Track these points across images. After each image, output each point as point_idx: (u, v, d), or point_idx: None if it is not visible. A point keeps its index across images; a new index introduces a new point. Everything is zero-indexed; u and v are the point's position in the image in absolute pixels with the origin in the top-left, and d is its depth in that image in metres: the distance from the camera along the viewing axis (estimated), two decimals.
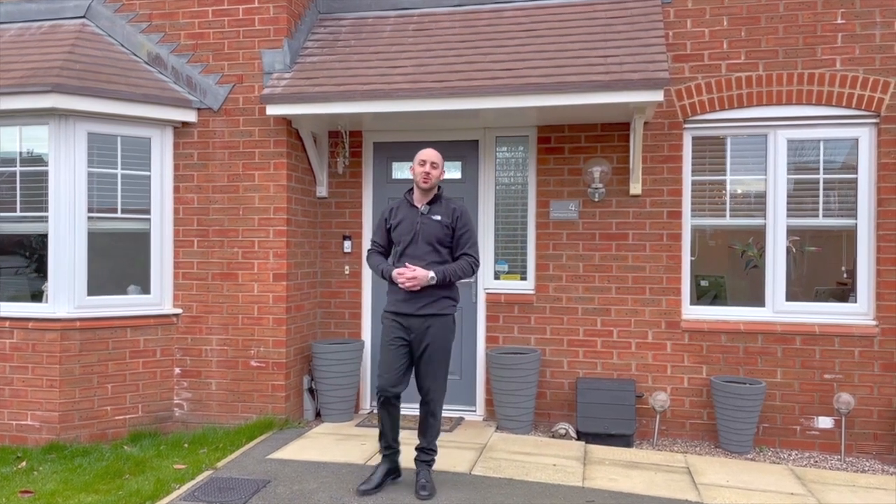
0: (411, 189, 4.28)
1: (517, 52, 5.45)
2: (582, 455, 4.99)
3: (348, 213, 6.23)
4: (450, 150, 6.08)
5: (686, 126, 5.68)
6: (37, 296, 5.62)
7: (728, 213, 5.72)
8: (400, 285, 4.07)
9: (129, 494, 4.24)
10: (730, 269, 5.81)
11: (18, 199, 5.56)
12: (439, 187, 4.25)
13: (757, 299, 5.66)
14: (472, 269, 4.19)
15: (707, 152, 5.77)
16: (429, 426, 4.24)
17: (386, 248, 4.36)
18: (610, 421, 5.44)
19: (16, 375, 5.46)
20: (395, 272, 4.08)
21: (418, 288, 4.03)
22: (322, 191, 6.19)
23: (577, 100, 5.01)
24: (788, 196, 5.57)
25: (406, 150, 6.16)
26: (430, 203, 4.18)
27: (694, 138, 5.75)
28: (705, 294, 5.83)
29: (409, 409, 6.07)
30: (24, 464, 4.93)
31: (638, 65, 5.05)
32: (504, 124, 5.89)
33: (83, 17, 5.98)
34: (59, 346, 5.40)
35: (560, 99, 5.04)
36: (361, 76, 5.44)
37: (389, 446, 4.29)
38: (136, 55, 5.90)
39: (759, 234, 5.66)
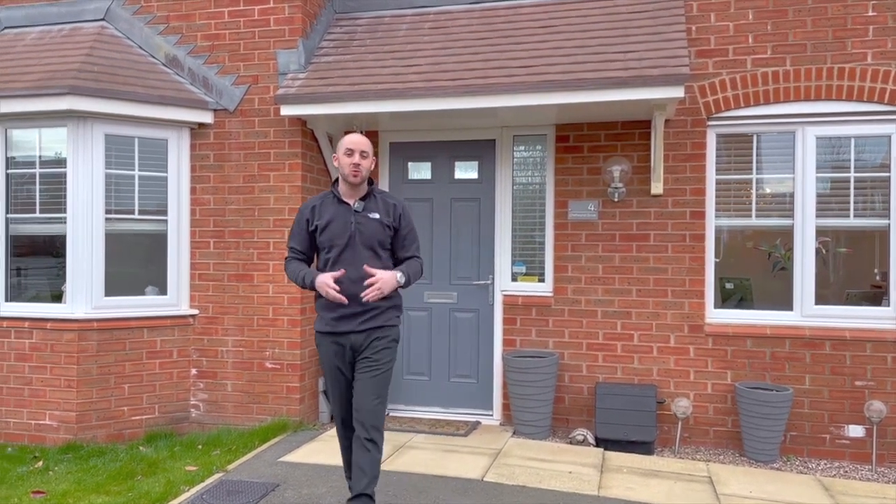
0: (336, 181, 3.63)
1: (535, 49, 5.34)
2: (599, 462, 4.86)
3: None
4: (467, 149, 6.00)
5: (710, 123, 5.51)
6: (57, 296, 5.67)
7: (754, 213, 5.53)
8: (323, 293, 3.38)
9: (139, 496, 4.22)
10: (756, 271, 5.61)
11: (38, 200, 5.61)
12: (370, 180, 3.64)
13: (784, 302, 5.45)
14: (422, 271, 3.68)
15: (732, 150, 5.58)
16: (370, 463, 3.37)
17: (307, 254, 3.64)
18: (630, 427, 5.29)
19: (35, 375, 5.51)
20: (321, 278, 3.38)
21: (380, 297, 3.40)
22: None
23: (594, 97, 4.88)
24: (817, 195, 5.36)
25: (422, 151, 6.09)
26: (363, 199, 3.56)
27: (718, 136, 5.57)
28: (730, 297, 5.64)
29: (424, 411, 6.02)
30: (40, 463, 4.97)
31: (658, 60, 4.91)
32: (521, 123, 5.78)
33: (102, 19, 6.03)
34: (76, 346, 5.43)
35: (577, 96, 4.91)
36: (376, 76, 5.38)
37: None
38: (153, 57, 5.92)
39: (786, 234, 5.46)
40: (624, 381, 5.58)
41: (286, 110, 5.41)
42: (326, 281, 3.37)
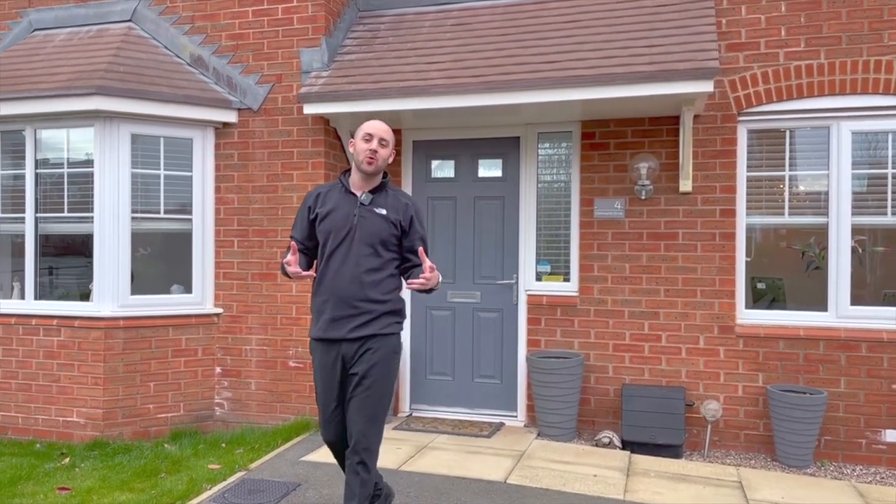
0: (348, 171, 3.33)
1: (560, 43, 5.25)
2: (626, 466, 4.75)
3: None
4: (490, 147, 5.93)
5: (740, 119, 5.36)
6: (84, 295, 5.73)
7: (787, 210, 5.37)
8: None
9: (161, 494, 4.24)
10: (789, 271, 5.44)
11: (66, 200, 5.68)
12: (385, 173, 3.31)
13: (818, 303, 5.28)
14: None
15: (763, 146, 5.43)
16: (360, 484, 3.11)
17: (308, 245, 3.31)
18: (657, 430, 5.17)
19: (63, 373, 5.58)
20: (290, 269, 3.13)
21: (423, 288, 3.09)
22: None
23: (620, 92, 4.77)
24: (853, 192, 5.19)
25: (446, 149, 6.04)
26: (372, 192, 3.24)
27: (749, 131, 5.42)
28: (762, 297, 5.48)
29: (447, 411, 5.96)
30: (67, 460, 5.02)
31: (686, 54, 4.78)
32: (546, 120, 5.69)
33: (129, 20, 6.08)
34: (103, 344, 5.48)
35: (602, 91, 4.81)
36: (398, 73, 5.34)
37: None
38: (179, 57, 5.96)
39: (820, 233, 5.29)
40: (651, 383, 5.46)
41: (309, 109, 5.40)
42: (286, 259, 3.11)
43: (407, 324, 6.09)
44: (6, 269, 5.98)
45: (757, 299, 5.47)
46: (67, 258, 5.85)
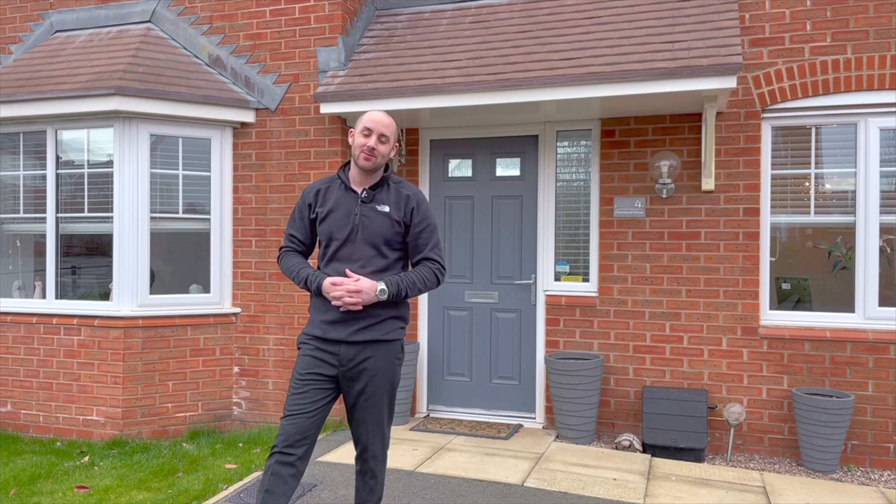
0: (346, 164, 3.13)
1: (579, 40, 5.18)
2: (646, 469, 4.66)
3: None
4: (508, 145, 5.87)
5: (765, 115, 5.24)
6: (104, 294, 5.77)
7: (813, 209, 5.24)
8: (335, 301, 2.90)
9: (178, 493, 4.24)
10: (815, 271, 5.32)
11: (86, 200, 5.72)
12: (387, 167, 3.12)
13: (846, 304, 5.15)
14: (438, 279, 3.08)
15: (789, 144, 5.31)
16: (369, 491, 3.09)
17: (308, 245, 3.19)
18: (679, 433, 5.07)
19: (83, 371, 5.62)
20: (327, 282, 2.93)
21: (361, 307, 2.91)
22: None
23: (640, 89, 4.69)
24: (881, 191, 5.05)
25: (463, 147, 5.99)
26: (373, 188, 3.05)
27: (774, 128, 5.30)
28: (787, 298, 5.36)
29: (465, 412, 5.91)
30: (86, 458, 5.05)
31: (708, 49, 4.69)
32: (565, 118, 5.62)
33: (148, 21, 6.11)
34: (122, 343, 5.51)
35: (621, 88, 4.73)
36: (415, 72, 5.30)
37: None
38: (197, 57, 5.98)
39: (847, 232, 5.15)
40: (673, 385, 5.36)
41: (325, 108, 5.38)
42: (337, 281, 2.90)
43: (424, 324, 6.06)
44: (29, 268, 6.05)
45: (782, 300, 5.35)
46: (88, 258, 5.90)
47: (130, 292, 5.58)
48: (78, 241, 5.89)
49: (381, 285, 2.90)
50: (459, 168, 6.03)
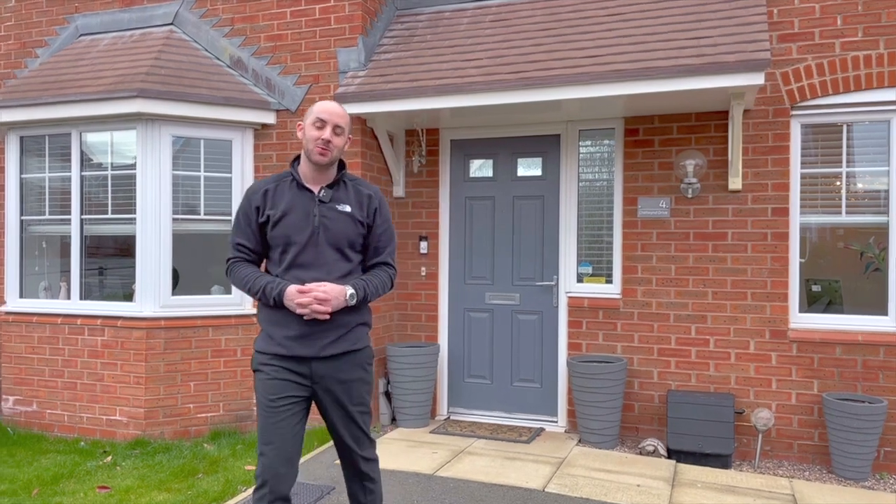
0: (297, 159, 2.86)
1: (601, 37, 5.09)
2: (671, 475, 4.56)
3: (425, 213, 6.06)
4: (530, 145, 5.80)
5: (794, 113, 5.11)
6: (128, 295, 5.81)
7: (844, 209, 5.09)
8: (300, 310, 2.65)
9: (198, 495, 4.24)
10: (846, 273, 5.16)
11: (110, 201, 5.77)
12: (342, 163, 2.86)
13: (879, 306, 4.99)
14: (393, 284, 2.94)
15: (819, 142, 5.16)
16: (372, 499, 2.94)
17: (258, 253, 2.85)
18: (705, 439, 4.96)
19: (106, 371, 5.66)
20: (292, 289, 2.65)
21: (329, 315, 2.68)
22: (399, 191, 6.05)
23: (663, 86, 4.59)
24: None
25: (484, 147, 5.93)
26: (330, 186, 2.80)
27: (803, 126, 5.16)
28: (817, 300, 5.21)
29: (485, 415, 5.85)
30: (109, 458, 5.08)
31: (735, 45, 4.57)
32: (588, 116, 5.53)
33: (171, 23, 6.15)
34: (145, 344, 5.54)
35: (646, 86, 4.63)
36: (435, 71, 5.25)
37: None
38: (218, 59, 6.00)
39: (881, 232, 4.99)
40: (699, 390, 5.24)
41: (345, 108, 5.34)
42: (304, 289, 2.65)
43: (444, 325, 6.01)
44: (55, 269, 6.12)
45: (812, 302, 5.20)
46: (112, 259, 5.95)
47: (153, 293, 5.61)
48: (102, 243, 5.94)
49: (350, 289, 2.71)
50: (480, 168, 5.97)
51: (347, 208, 2.79)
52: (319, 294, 2.63)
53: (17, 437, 5.66)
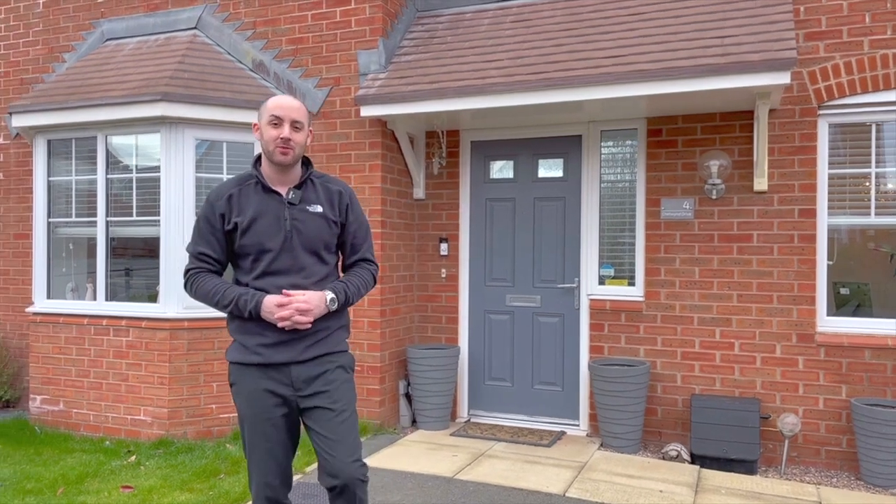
0: (258, 160, 2.70)
1: (623, 37, 5.03)
2: (694, 481, 4.49)
3: (445, 214, 6.04)
4: (551, 146, 5.76)
5: (821, 112, 5.01)
6: (153, 297, 5.88)
7: (873, 210, 4.98)
8: (281, 323, 2.52)
9: (219, 495, 4.27)
10: (876, 275, 5.04)
11: (134, 203, 5.84)
12: (306, 160, 2.72)
13: None
14: (375, 280, 2.82)
15: (847, 141, 5.05)
16: None
17: (223, 263, 2.69)
18: (729, 444, 4.88)
19: (131, 372, 5.73)
20: (270, 303, 2.52)
21: (311, 324, 2.56)
22: (419, 192, 6.05)
23: (687, 86, 4.52)
24: None
25: (505, 149, 5.90)
26: (298, 187, 2.66)
27: (831, 126, 5.05)
28: (845, 303, 5.10)
29: (506, 418, 5.81)
30: (133, 458, 5.14)
31: (760, 44, 4.49)
32: (609, 117, 5.47)
33: (194, 28, 6.21)
34: (168, 344, 5.60)
35: (668, 86, 4.57)
36: (455, 73, 5.24)
37: None
38: (241, 62, 6.04)
39: None
40: (723, 394, 5.16)
41: (366, 111, 5.36)
42: (284, 301, 2.52)
43: (464, 328, 5.99)
44: (81, 270, 6.21)
45: (840, 306, 5.09)
46: (137, 260, 6.02)
47: (176, 294, 5.66)
48: (128, 244, 6.02)
49: (330, 294, 2.59)
50: (501, 169, 5.94)
51: (319, 208, 2.65)
52: (301, 305, 2.51)
53: (44, 436, 5.75)
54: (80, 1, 6.59)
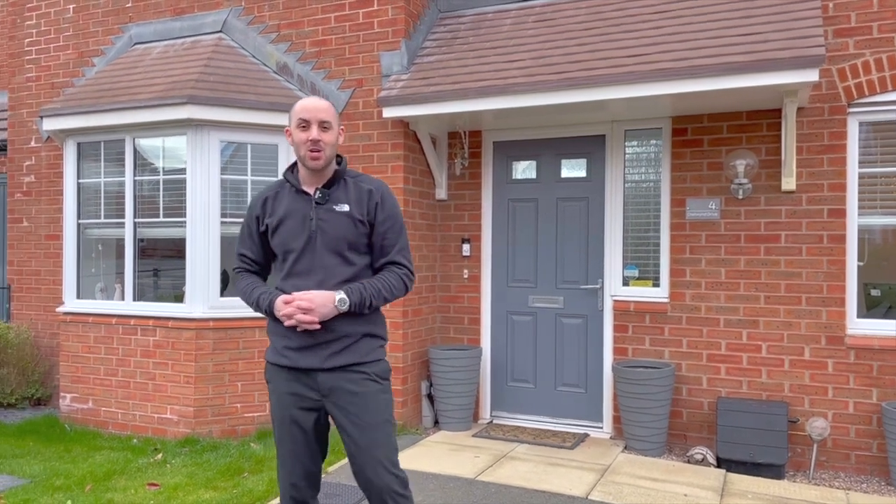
0: (293, 166, 2.70)
1: (647, 36, 4.98)
2: (720, 485, 4.42)
3: (467, 215, 6.03)
4: (574, 146, 5.73)
5: (851, 110, 4.91)
6: (179, 297, 5.96)
7: None
8: (287, 322, 2.52)
9: (243, 493, 4.31)
10: None
11: (161, 205, 5.93)
12: (340, 157, 2.69)
13: None
14: (406, 286, 2.67)
15: (878, 140, 4.95)
16: None
17: (262, 264, 2.78)
18: (756, 448, 4.80)
19: (158, 371, 5.81)
20: (279, 300, 2.54)
21: (318, 325, 2.51)
22: (441, 193, 6.05)
23: (711, 85, 4.46)
24: None
25: (527, 149, 5.88)
26: (327, 186, 2.63)
27: (861, 124, 4.95)
28: (876, 305, 4.99)
29: (528, 420, 5.79)
30: (159, 456, 5.21)
31: (787, 41, 4.41)
32: (633, 116, 5.42)
33: (220, 31, 6.28)
34: (194, 344, 5.67)
35: (693, 85, 4.52)
36: (477, 73, 5.23)
37: None
38: (265, 65, 6.10)
39: None
40: (750, 397, 5.08)
41: (388, 112, 5.38)
42: (287, 299, 2.52)
43: (487, 329, 5.97)
44: (110, 271, 6.32)
45: (871, 307, 4.99)
46: (164, 260, 6.11)
47: (202, 295, 5.73)
48: (156, 245, 6.11)
49: (340, 294, 2.50)
50: (523, 170, 5.92)
51: (346, 207, 2.59)
52: (302, 304, 2.48)
53: (73, 433, 5.86)
54: (110, 6, 6.71)
